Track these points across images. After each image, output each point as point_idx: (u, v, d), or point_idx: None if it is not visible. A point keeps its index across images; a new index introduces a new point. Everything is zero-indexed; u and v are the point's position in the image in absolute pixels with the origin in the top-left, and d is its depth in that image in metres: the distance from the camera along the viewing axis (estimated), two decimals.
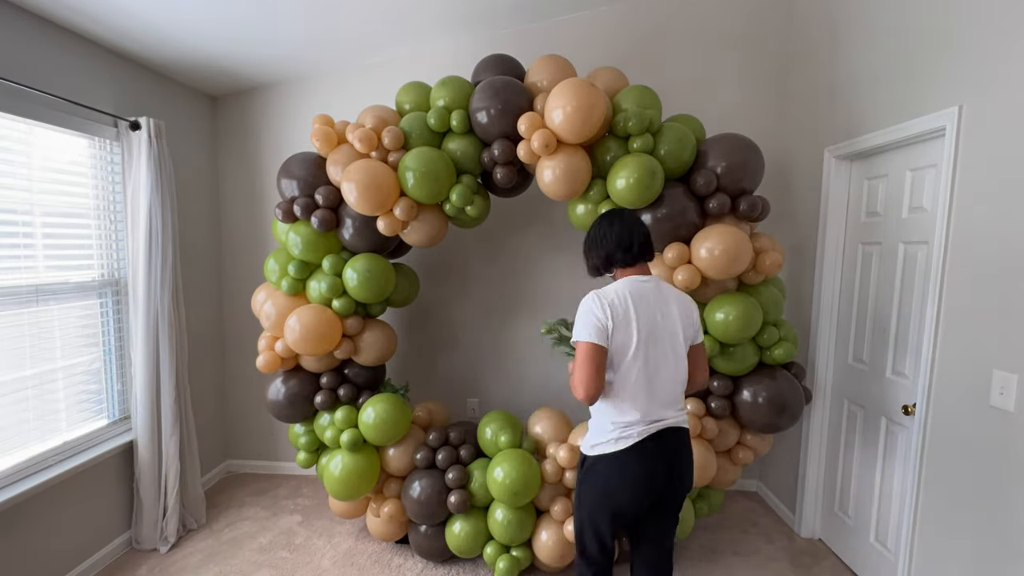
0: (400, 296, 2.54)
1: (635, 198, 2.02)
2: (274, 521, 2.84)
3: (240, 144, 3.23)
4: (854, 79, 2.28)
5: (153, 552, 2.55)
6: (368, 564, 2.47)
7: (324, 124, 2.27)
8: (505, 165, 2.17)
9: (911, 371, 2.04)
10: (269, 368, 2.31)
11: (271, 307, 2.32)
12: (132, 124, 2.47)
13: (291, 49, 2.79)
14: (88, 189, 2.43)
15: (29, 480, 2.09)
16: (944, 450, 1.79)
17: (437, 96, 2.23)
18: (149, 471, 2.54)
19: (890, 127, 2.05)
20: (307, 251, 2.27)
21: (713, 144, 2.14)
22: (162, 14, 2.29)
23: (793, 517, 2.70)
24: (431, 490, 2.24)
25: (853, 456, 2.38)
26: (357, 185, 2.07)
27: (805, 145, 2.65)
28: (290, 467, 3.40)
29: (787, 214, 2.78)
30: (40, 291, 2.18)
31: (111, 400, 2.58)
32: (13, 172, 2.09)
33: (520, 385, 3.15)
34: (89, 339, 2.45)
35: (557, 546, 2.17)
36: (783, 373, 2.23)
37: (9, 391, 2.08)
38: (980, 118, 1.65)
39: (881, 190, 2.22)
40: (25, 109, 2.09)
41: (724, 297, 2.10)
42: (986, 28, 1.63)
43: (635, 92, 2.14)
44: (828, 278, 2.49)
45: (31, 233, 2.17)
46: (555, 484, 2.19)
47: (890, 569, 2.11)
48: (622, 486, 1.52)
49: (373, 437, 2.27)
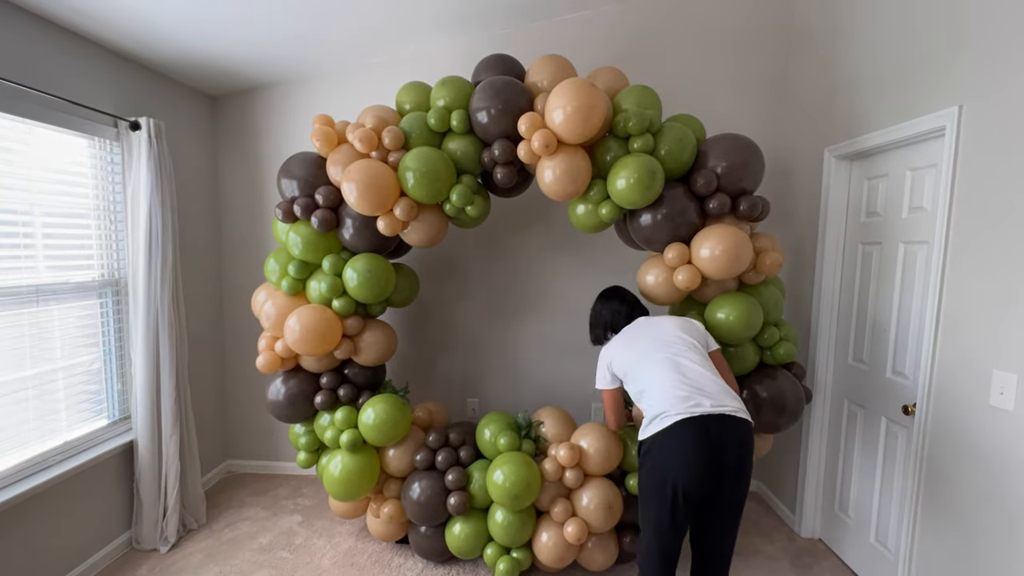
0: (400, 296, 2.54)
1: (635, 198, 2.02)
2: (274, 521, 2.84)
3: (240, 144, 3.23)
4: (854, 79, 2.28)
5: (153, 552, 2.55)
6: (368, 564, 2.47)
7: (324, 124, 2.26)
8: (505, 165, 2.17)
9: (911, 371, 2.04)
10: (269, 368, 2.31)
11: (271, 307, 2.32)
12: (132, 124, 2.47)
13: (291, 49, 2.79)
14: (88, 189, 2.43)
15: (29, 480, 2.09)
16: (944, 450, 1.80)
17: (437, 96, 2.23)
18: (149, 471, 2.54)
19: (890, 127, 2.05)
20: (307, 251, 2.27)
21: (713, 144, 2.14)
22: (162, 14, 2.29)
23: (793, 517, 2.70)
24: (431, 491, 2.24)
25: (853, 456, 2.38)
26: (357, 185, 2.06)
27: (805, 145, 2.65)
28: (290, 467, 3.40)
29: (787, 214, 2.79)
30: (40, 291, 2.18)
31: (111, 400, 2.58)
32: (13, 172, 2.09)
33: (520, 385, 3.15)
34: (89, 339, 2.45)
35: (557, 547, 2.17)
36: (783, 373, 2.23)
37: (9, 391, 2.08)
38: (980, 118, 1.65)
39: (881, 190, 2.22)
40: (25, 109, 2.09)
41: (725, 297, 2.10)
42: (986, 28, 1.64)
43: (635, 92, 2.14)
44: (828, 278, 2.49)
45: (31, 233, 2.17)
46: (555, 484, 2.19)
47: (890, 569, 2.11)
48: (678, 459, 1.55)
49: (373, 438, 2.27)
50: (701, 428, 1.55)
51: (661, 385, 1.66)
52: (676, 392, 1.61)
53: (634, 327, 1.94)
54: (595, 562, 2.25)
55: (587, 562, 2.26)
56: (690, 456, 1.54)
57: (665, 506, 1.58)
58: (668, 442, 1.58)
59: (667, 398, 1.62)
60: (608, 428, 2.20)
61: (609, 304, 2.07)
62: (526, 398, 3.11)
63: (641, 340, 1.84)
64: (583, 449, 2.18)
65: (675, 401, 1.60)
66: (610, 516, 2.15)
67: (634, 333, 1.91)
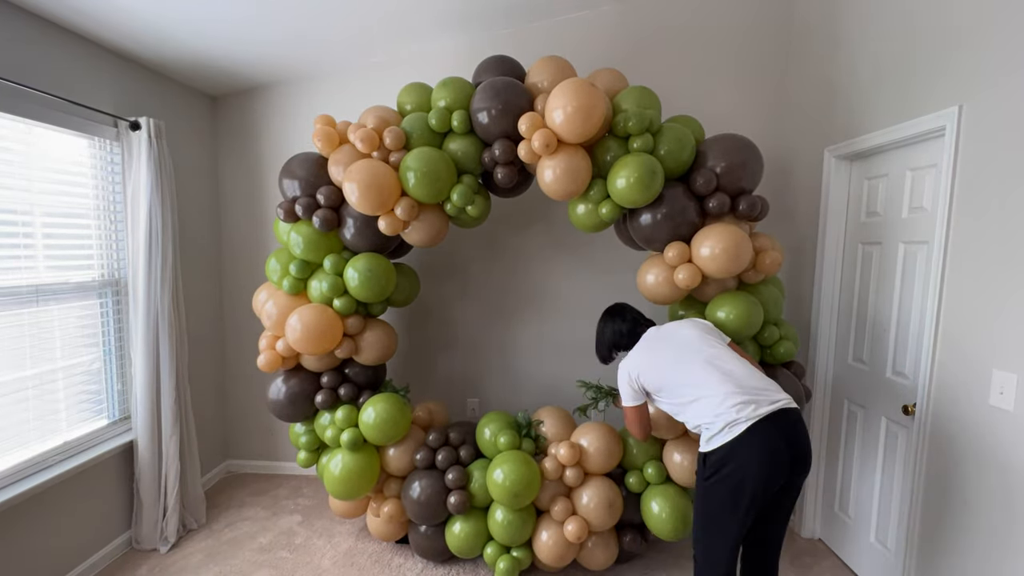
0: (401, 296, 2.54)
1: (635, 198, 2.02)
2: (274, 521, 2.84)
3: (240, 144, 3.23)
4: (854, 79, 2.28)
5: (153, 552, 2.55)
6: (368, 564, 2.47)
7: (326, 124, 2.27)
8: (506, 165, 2.17)
9: (911, 371, 2.04)
10: (270, 367, 2.31)
11: (272, 306, 2.32)
12: (132, 124, 2.47)
13: (291, 49, 2.79)
14: (88, 189, 2.43)
15: (29, 480, 2.09)
16: (944, 450, 1.80)
17: (438, 97, 2.23)
18: (149, 471, 2.54)
19: (890, 127, 2.05)
20: (308, 250, 2.27)
21: (712, 144, 2.14)
22: (162, 14, 2.29)
23: (793, 517, 2.70)
24: (431, 491, 2.24)
25: (853, 456, 2.38)
26: (359, 185, 2.07)
27: (805, 145, 2.65)
28: (290, 467, 3.40)
29: (787, 214, 2.79)
30: (40, 291, 2.18)
31: (111, 400, 2.57)
32: (13, 172, 2.09)
33: (520, 385, 3.15)
34: (89, 339, 2.45)
35: (557, 546, 2.17)
36: (783, 372, 2.23)
37: (9, 391, 2.08)
38: (980, 118, 1.66)
39: (881, 190, 2.22)
40: (25, 109, 2.08)
41: (726, 296, 2.11)
42: (986, 28, 1.64)
43: (635, 93, 2.14)
44: (828, 278, 2.49)
45: (31, 233, 2.17)
46: (555, 483, 2.20)
47: (890, 569, 2.11)
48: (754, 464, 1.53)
49: (373, 437, 2.27)
50: (770, 429, 1.54)
51: (714, 393, 1.61)
52: (733, 399, 1.58)
53: (652, 340, 1.90)
54: (595, 561, 2.25)
55: (587, 561, 2.26)
56: (765, 459, 1.53)
57: (740, 513, 1.57)
58: (743, 449, 1.54)
59: (725, 405, 1.58)
60: (606, 427, 2.22)
61: (611, 324, 2.08)
62: (526, 398, 3.11)
63: (666, 352, 1.81)
64: (583, 448, 2.18)
65: (736, 407, 1.57)
66: (610, 515, 2.16)
67: (655, 347, 1.86)
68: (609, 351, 2.10)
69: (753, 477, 1.53)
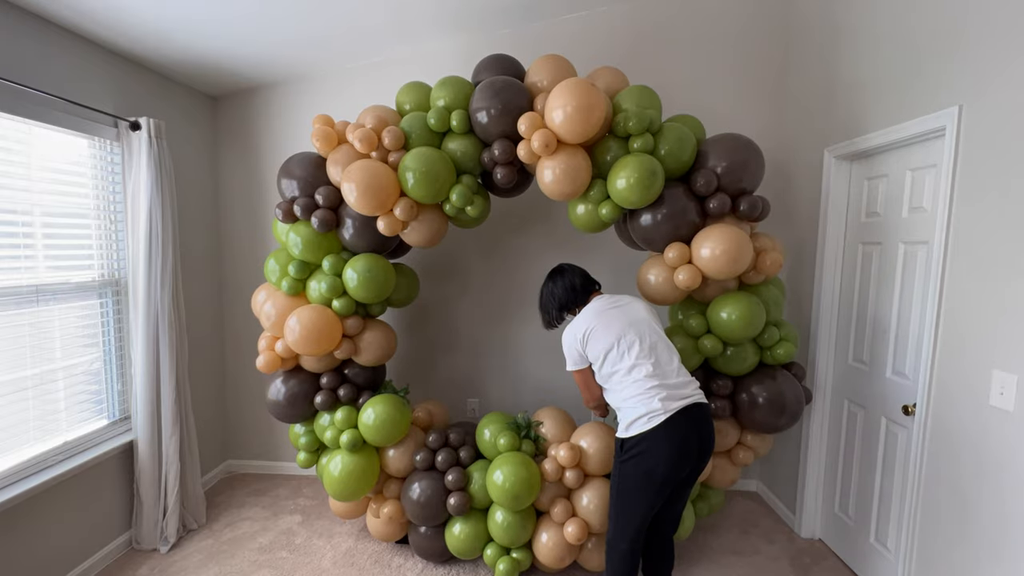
0: (400, 296, 2.54)
1: (635, 198, 2.02)
2: (274, 521, 2.84)
3: (240, 144, 3.23)
4: (854, 79, 2.28)
5: (153, 552, 2.55)
6: (368, 564, 2.47)
7: (324, 124, 2.26)
8: (505, 165, 2.16)
9: (911, 371, 2.04)
10: (269, 368, 2.31)
11: (271, 307, 2.32)
12: (132, 124, 2.47)
13: (291, 49, 2.79)
14: (88, 189, 2.43)
15: (29, 480, 2.09)
16: (944, 450, 1.79)
17: (437, 96, 2.23)
18: (149, 471, 2.54)
19: (890, 127, 2.05)
20: (307, 251, 2.27)
21: (713, 144, 2.14)
22: (162, 14, 2.29)
23: (793, 517, 2.70)
24: (431, 492, 2.24)
25: (853, 456, 2.38)
26: (357, 185, 2.07)
27: (805, 145, 2.65)
28: (290, 467, 3.40)
29: (787, 214, 2.78)
30: (40, 291, 2.18)
31: (111, 400, 2.58)
32: (13, 172, 2.09)
33: (520, 385, 3.15)
34: (89, 339, 2.45)
35: (557, 548, 2.17)
36: (783, 373, 2.23)
37: (9, 391, 2.08)
38: (980, 118, 1.65)
39: (881, 190, 2.22)
40: (25, 109, 2.09)
41: (728, 296, 2.10)
42: (986, 28, 1.63)
43: (635, 92, 2.14)
44: (828, 278, 2.49)
45: (31, 233, 2.17)
46: (555, 484, 2.19)
47: (890, 569, 2.11)
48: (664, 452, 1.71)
49: (373, 438, 2.27)
50: (684, 422, 1.71)
51: (645, 378, 1.75)
52: (658, 392, 1.73)
53: (604, 305, 1.92)
54: (595, 562, 2.24)
55: (587, 562, 2.26)
56: (676, 449, 1.70)
57: (650, 495, 1.75)
58: (659, 438, 1.70)
59: (651, 394, 1.73)
60: (607, 428, 2.21)
61: (561, 280, 2.03)
62: (526, 398, 3.11)
63: (618, 324, 1.84)
64: (583, 449, 2.18)
65: (659, 399, 1.71)
66: None
67: (610, 315, 1.87)
68: (560, 311, 2.05)
69: (665, 463, 1.70)
